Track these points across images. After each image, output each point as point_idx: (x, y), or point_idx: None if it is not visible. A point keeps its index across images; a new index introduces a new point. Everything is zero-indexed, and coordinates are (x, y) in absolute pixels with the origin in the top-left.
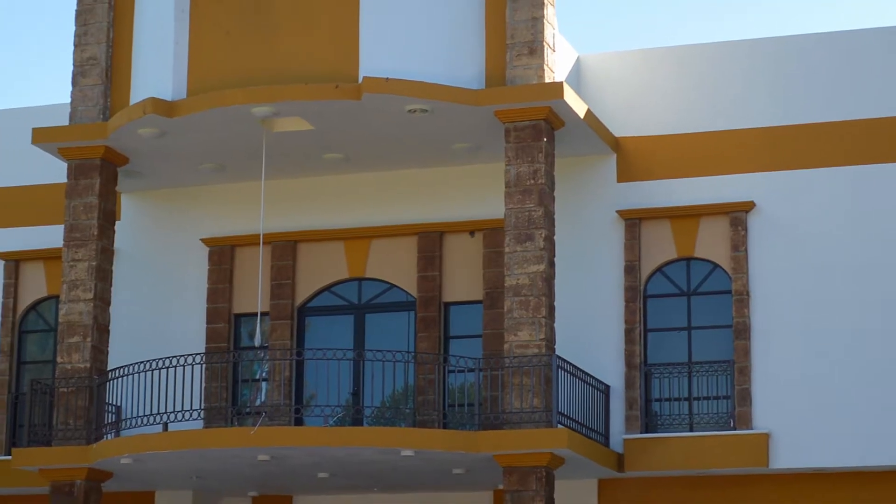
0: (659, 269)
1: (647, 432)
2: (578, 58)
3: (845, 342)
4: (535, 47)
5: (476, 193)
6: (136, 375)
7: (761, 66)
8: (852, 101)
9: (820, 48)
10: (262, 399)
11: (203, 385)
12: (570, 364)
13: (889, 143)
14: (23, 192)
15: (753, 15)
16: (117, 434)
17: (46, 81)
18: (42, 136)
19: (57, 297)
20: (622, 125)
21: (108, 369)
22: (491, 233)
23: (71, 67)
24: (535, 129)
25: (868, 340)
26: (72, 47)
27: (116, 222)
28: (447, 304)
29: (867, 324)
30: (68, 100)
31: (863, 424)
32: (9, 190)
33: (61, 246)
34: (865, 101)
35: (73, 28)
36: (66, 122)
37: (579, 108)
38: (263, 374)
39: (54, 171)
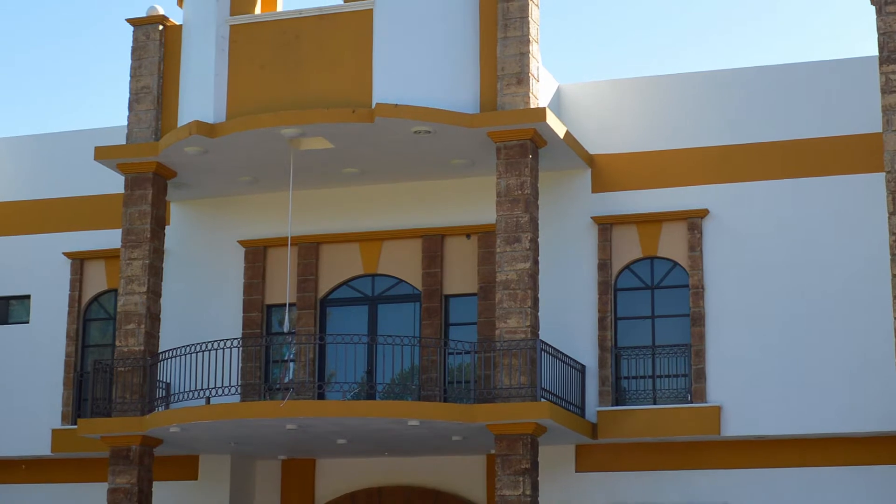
0: (627, 267)
1: (617, 405)
2: (559, 86)
3: (783, 328)
4: (521, 78)
5: (471, 202)
6: (182, 357)
7: (714, 93)
8: (789, 123)
9: (761, 79)
10: (290, 377)
11: (240, 365)
12: (552, 347)
13: (821, 160)
14: (86, 201)
15: (707, 50)
16: (167, 407)
17: (106, 107)
18: (103, 154)
19: (116, 290)
20: (596, 144)
21: (160, 351)
22: (484, 236)
23: (127, 95)
24: (521, 148)
25: (802, 326)
26: (128, 78)
27: (166, 227)
28: (447, 297)
29: (801, 313)
30: (125, 122)
31: (799, 398)
32: (75, 199)
33: (119, 247)
34: (800, 124)
35: (130, 62)
36: (124, 142)
37: (559, 129)
38: (291, 356)
39: (113, 183)
